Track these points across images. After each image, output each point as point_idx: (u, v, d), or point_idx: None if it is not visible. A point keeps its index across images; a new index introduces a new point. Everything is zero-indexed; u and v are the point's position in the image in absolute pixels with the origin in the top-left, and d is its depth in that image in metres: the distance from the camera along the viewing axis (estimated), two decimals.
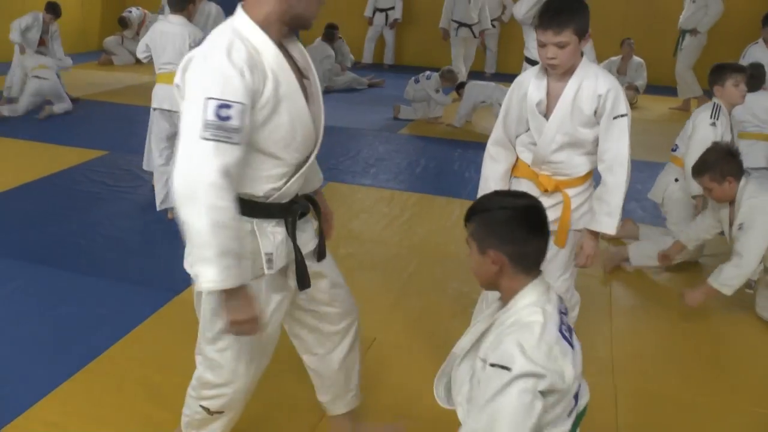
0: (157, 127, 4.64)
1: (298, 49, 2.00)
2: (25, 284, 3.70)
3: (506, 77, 8.21)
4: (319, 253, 2.17)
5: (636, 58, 9.31)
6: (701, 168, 3.53)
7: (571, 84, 2.54)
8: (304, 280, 2.05)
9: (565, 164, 2.64)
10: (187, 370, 2.55)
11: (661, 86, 9.62)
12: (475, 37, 9.82)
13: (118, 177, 5.52)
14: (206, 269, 1.74)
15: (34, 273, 3.83)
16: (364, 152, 6.52)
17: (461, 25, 9.68)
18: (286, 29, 1.91)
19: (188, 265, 1.92)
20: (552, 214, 2.56)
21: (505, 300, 1.76)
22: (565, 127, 2.57)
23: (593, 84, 2.52)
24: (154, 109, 4.59)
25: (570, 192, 2.67)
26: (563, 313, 1.74)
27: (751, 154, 4.74)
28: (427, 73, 7.84)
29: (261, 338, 2.01)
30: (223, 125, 1.71)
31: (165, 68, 4.46)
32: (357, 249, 4.30)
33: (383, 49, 11.78)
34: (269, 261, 1.96)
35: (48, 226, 4.48)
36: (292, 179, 1.95)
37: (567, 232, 2.69)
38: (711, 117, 4.01)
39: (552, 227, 2.55)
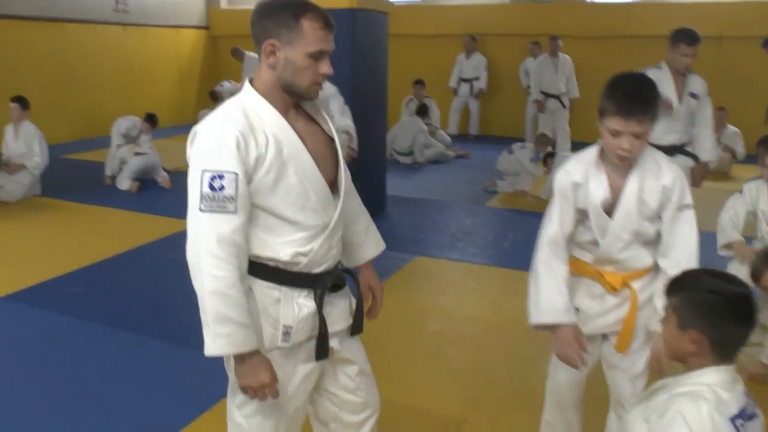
0: None
1: (321, 117, 2.05)
2: (119, 351, 3.80)
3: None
4: (354, 329, 2.18)
5: (731, 127, 9.05)
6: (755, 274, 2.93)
7: (635, 176, 2.31)
8: (321, 352, 2.04)
9: (631, 259, 2.41)
10: None
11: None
12: (564, 107, 9.77)
13: None
14: (206, 336, 1.82)
15: (129, 341, 3.93)
16: (451, 225, 6.50)
17: (548, 95, 9.74)
18: (288, 97, 1.94)
19: None
20: (620, 313, 2.44)
21: (687, 368, 1.75)
22: (631, 224, 2.35)
23: (657, 174, 2.31)
24: None
25: (636, 286, 2.43)
26: (746, 414, 1.67)
27: None
28: (521, 143, 7.84)
29: (288, 407, 2.02)
30: (216, 196, 1.79)
31: None
32: (446, 325, 4.24)
33: (468, 120, 11.90)
34: (286, 334, 1.96)
35: (145, 294, 4.63)
36: (317, 244, 1.95)
37: (631, 335, 2.43)
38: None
39: (616, 328, 2.46)
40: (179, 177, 8.38)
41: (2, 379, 3.53)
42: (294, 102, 1.96)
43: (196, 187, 1.81)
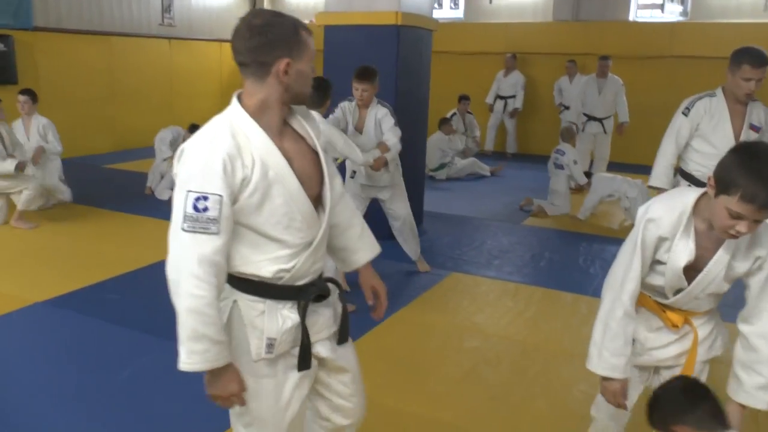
0: None
1: (302, 125, 2.07)
2: (156, 359, 3.83)
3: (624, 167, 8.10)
4: (340, 337, 2.22)
5: None
6: None
7: (728, 246, 2.15)
8: (303, 363, 2.07)
9: (697, 306, 2.34)
10: None
11: None
12: (605, 132, 8.96)
13: None
14: (180, 350, 1.86)
15: (166, 348, 3.94)
16: (488, 243, 6.45)
17: (590, 118, 8.98)
18: (287, 109, 1.99)
19: None
20: (678, 348, 2.38)
21: None
22: (710, 289, 2.24)
23: (752, 242, 2.16)
24: None
25: (698, 323, 2.37)
26: None
27: None
28: (559, 150, 7.69)
29: (285, 416, 2.06)
30: (200, 217, 1.81)
31: None
32: (482, 343, 4.20)
33: (505, 137, 11.88)
34: (270, 345, 1.99)
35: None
36: (301, 260, 1.99)
37: (692, 372, 2.35)
38: None
39: (679, 361, 2.38)
40: None
41: (39, 382, 3.59)
42: (285, 114, 2.00)
43: (180, 206, 1.83)
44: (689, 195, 2.19)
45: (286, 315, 2.01)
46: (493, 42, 11.97)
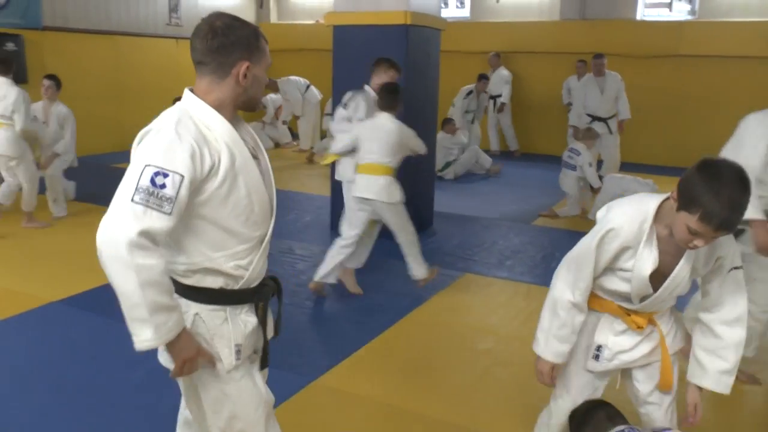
0: (355, 215, 4.77)
1: (245, 130, 2.07)
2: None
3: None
4: (262, 362, 2.20)
5: None
6: None
7: (690, 254, 2.19)
8: (265, 362, 2.18)
9: (661, 306, 2.37)
10: None
11: None
12: (610, 132, 8.62)
13: (272, 259, 5.68)
14: (142, 329, 1.75)
15: None
16: (499, 243, 6.44)
17: (594, 119, 8.66)
18: (235, 112, 2.00)
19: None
20: (647, 346, 2.41)
21: None
22: (675, 292, 2.29)
23: (713, 244, 2.17)
24: (356, 197, 4.70)
25: (661, 320, 2.42)
26: None
27: None
28: (573, 150, 7.57)
29: (267, 408, 2.15)
30: (155, 192, 1.72)
31: (368, 158, 4.64)
32: (495, 344, 4.19)
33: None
34: (237, 352, 2.00)
35: None
36: (256, 257, 2.01)
37: (670, 372, 2.40)
38: None
39: (651, 358, 2.43)
40: None
41: (54, 381, 3.59)
42: (232, 116, 2.00)
43: (132, 179, 1.74)
44: (650, 202, 2.21)
45: (246, 319, 2.03)
46: (499, 41, 11.94)
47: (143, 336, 1.76)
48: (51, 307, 4.60)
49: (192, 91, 1.96)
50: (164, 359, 2.01)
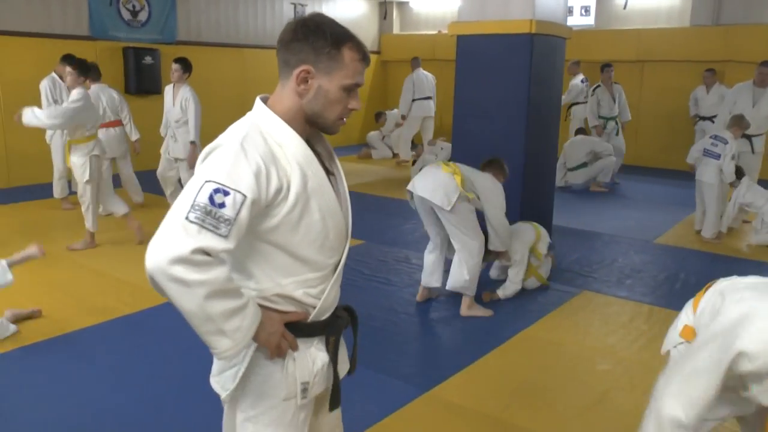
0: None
1: (323, 145, 1.87)
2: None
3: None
4: (332, 401, 1.96)
5: None
6: None
7: None
8: (335, 401, 1.95)
9: None
10: None
11: None
12: (753, 152, 7.83)
13: (374, 267, 5.79)
14: (218, 341, 1.60)
15: None
16: (619, 261, 6.21)
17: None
18: (309, 128, 1.77)
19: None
20: None
21: None
22: None
23: None
24: None
25: None
26: None
27: None
28: (717, 137, 7.00)
29: None
30: (212, 211, 1.52)
31: None
32: (614, 367, 4.03)
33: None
34: (304, 390, 1.80)
35: None
36: (328, 286, 1.81)
37: None
38: None
39: None
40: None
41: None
42: (308, 132, 1.78)
43: (189, 195, 1.55)
44: None
45: (315, 354, 1.82)
46: (624, 49, 11.56)
47: (222, 347, 1.61)
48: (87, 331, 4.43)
49: (265, 99, 1.79)
50: (215, 382, 1.86)
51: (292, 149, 1.69)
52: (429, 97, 11.28)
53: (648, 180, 10.42)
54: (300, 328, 1.78)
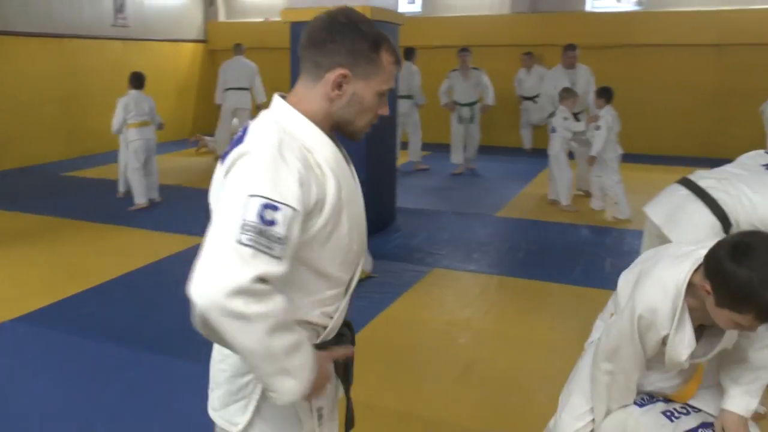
0: None
1: (342, 149, 1.69)
2: (141, 374, 3.70)
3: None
4: (347, 425, 1.84)
5: None
6: None
7: (729, 334, 2.01)
8: (352, 422, 1.81)
9: None
10: None
11: None
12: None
13: None
14: (282, 382, 1.45)
15: (150, 362, 3.83)
16: (464, 236, 6.43)
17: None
18: (333, 133, 1.63)
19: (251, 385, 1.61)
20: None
21: None
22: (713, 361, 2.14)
23: None
24: None
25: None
26: None
27: None
28: (554, 114, 7.53)
29: None
30: (264, 230, 1.35)
31: None
32: (474, 339, 4.16)
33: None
34: (320, 417, 1.69)
35: (162, 312, 4.52)
36: (343, 302, 1.70)
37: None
38: None
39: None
40: (176, 191, 8.30)
41: (24, 403, 3.43)
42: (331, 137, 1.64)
43: (236, 213, 1.36)
44: (681, 271, 1.97)
45: None
46: (451, 35, 11.94)
47: (285, 389, 1.45)
48: (5, 326, 4.40)
49: (284, 98, 1.60)
50: (218, 417, 1.69)
51: (325, 155, 1.54)
52: (245, 88, 10.52)
53: (485, 159, 10.80)
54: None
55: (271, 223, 1.36)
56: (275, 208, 1.37)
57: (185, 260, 5.56)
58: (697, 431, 2.07)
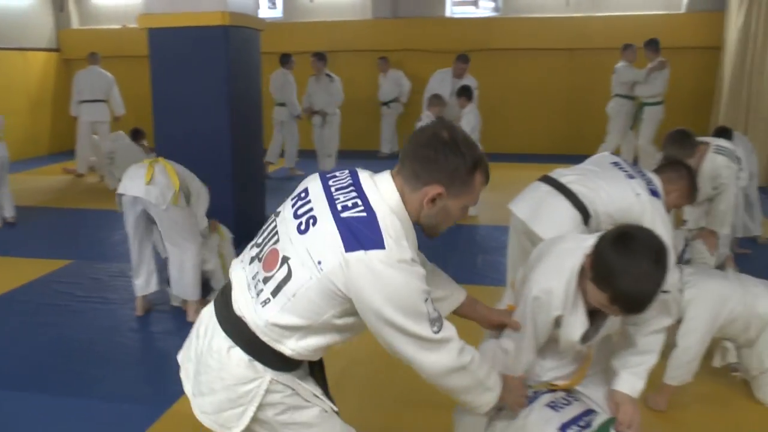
0: None
1: None
2: (2, 414, 3.43)
3: None
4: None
5: None
6: None
7: (612, 320, 2.15)
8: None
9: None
10: None
11: None
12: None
13: (89, 287, 5.27)
14: (484, 397, 1.95)
15: (10, 399, 3.56)
16: None
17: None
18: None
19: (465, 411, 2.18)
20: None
21: None
22: (612, 330, 2.26)
23: None
24: None
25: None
26: None
27: None
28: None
29: None
30: (437, 317, 1.75)
31: None
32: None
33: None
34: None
35: (18, 346, 4.22)
36: None
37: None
38: None
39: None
40: (32, 213, 7.76)
41: None
42: None
43: (420, 316, 1.71)
44: (575, 256, 2.09)
45: (302, 382, 1.92)
46: (314, 41, 11.88)
47: (485, 401, 1.96)
48: None
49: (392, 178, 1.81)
50: (209, 420, 1.88)
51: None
52: (102, 100, 9.94)
53: (344, 164, 10.72)
54: (290, 366, 1.85)
55: (435, 309, 1.80)
56: (428, 295, 1.76)
57: (45, 287, 5.26)
58: (582, 418, 2.17)
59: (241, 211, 6.05)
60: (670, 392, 3.39)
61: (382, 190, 1.77)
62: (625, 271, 1.88)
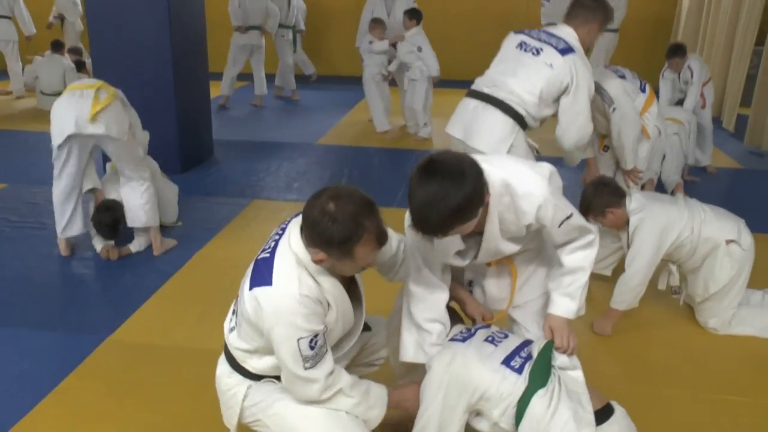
0: None
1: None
2: None
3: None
4: None
5: None
6: (582, 211, 3.02)
7: (490, 226, 2.12)
8: None
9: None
10: (120, 423, 2.50)
11: None
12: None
13: (24, 212, 5.05)
14: (371, 413, 2.14)
15: None
16: (285, 166, 6.30)
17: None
18: None
19: None
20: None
21: None
22: (497, 256, 2.27)
23: (514, 218, 2.11)
24: None
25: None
26: None
27: None
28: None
29: None
30: (317, 351, 2.01)
31: None
32: None
33: None
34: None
35: None
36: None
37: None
38: None
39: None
40: None
41: None
42: None
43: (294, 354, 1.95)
44: None
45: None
46: None
47: (373, 415, 2.16)
48: None
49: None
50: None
51: (325, 285, 2.01)
52: (6, 16, 9.13)
53: (315, 88, 10.46)
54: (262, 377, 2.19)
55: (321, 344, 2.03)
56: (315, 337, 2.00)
57: None
58: (522, 349, 2.18)
59: (186, 138, 5.92)
60: (616, 317, 3.43)
61: (293, 243, 2.00)
62: (411, 191, 1.95)
